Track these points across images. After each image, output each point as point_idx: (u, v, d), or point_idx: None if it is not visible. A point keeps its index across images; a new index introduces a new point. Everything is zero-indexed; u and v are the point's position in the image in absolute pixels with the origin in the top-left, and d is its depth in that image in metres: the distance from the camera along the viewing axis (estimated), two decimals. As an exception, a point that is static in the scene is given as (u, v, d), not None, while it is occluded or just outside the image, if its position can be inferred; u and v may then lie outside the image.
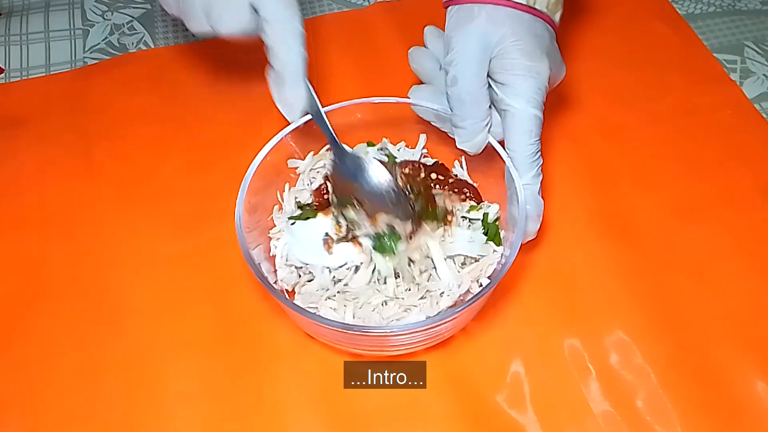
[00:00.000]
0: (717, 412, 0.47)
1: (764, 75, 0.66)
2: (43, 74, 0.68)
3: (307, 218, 0.51)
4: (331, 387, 0.49)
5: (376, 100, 0.53)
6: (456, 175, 0.55)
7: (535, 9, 0.49)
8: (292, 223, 0.51)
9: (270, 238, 0.52)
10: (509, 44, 0.47)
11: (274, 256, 0.51)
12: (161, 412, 0.48)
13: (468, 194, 0.53)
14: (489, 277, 0.49)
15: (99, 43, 0.71)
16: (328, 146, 0.55)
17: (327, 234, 0.49)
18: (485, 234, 0.51)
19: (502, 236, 0.51)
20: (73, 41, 0.71)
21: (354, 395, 0.48)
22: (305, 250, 0.50)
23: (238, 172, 0.49)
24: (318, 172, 0.55)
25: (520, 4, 0.48)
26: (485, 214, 0.51)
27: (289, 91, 0.51)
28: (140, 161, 0.61)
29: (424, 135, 0.56)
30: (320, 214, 0.51)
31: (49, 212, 0.58)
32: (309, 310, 0.47)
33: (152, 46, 0.71)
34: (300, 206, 0.53)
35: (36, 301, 0.53)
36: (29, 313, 0.53)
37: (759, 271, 0.54)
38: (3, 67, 0.69)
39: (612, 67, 0.67)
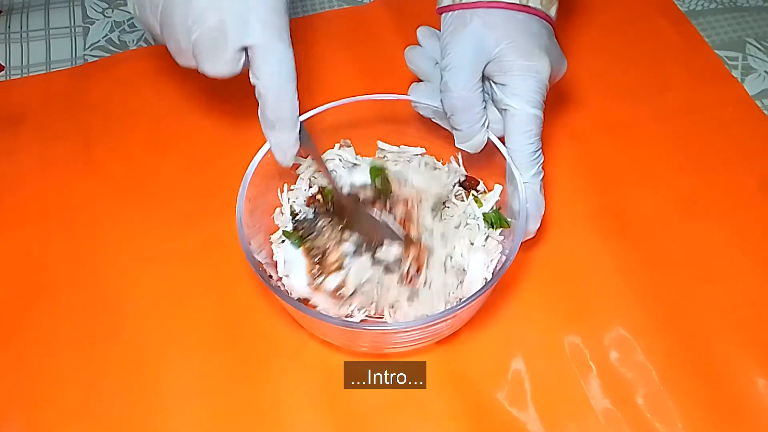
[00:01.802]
0: (718, 408, 0.47)
1: (765, 72, 0.66)
2: (44, 72, 0.68)
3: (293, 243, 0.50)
4: (331, 386, 0.49)
5: (376, 97, 0.53)
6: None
7: (529, 7, 0.48)
8: (282, 241, 0.51)
9: (271, 243, 0.52)
10: (505, 46, 0.47)
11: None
12: (161, 409, 0.48)
13: (475, 182, 0.54)
14: (490, 274, 0.49)
15: (99, 41, 0.71)
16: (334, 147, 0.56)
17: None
18: (492, 226, 0.51)
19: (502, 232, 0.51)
20: (73, 38, 0.71)
21: (354, 395, 0.48)
22: (295, 278, 0.49)
23: (239, 169, 0.49)
24: (319, 171, 0.55)
25: (513, 3, 0.48)
26: (484, 215, 0.51)
27: (283, 138, 0.48)
28: (141, 158, 0.61)
29: (423, 149, 0.56)
30: (302, 249, 0.49)
31: (49, 209, 0.58)
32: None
33: (153, 44, 0.70)
34: (293, 214, 0.53)
35: (36, 298, 0.53)
36: (29, 309, 0.53)
37: (760, 267, 0.54)
38: (3, 65, 0.69)
39: (613, 63, 0.67)
